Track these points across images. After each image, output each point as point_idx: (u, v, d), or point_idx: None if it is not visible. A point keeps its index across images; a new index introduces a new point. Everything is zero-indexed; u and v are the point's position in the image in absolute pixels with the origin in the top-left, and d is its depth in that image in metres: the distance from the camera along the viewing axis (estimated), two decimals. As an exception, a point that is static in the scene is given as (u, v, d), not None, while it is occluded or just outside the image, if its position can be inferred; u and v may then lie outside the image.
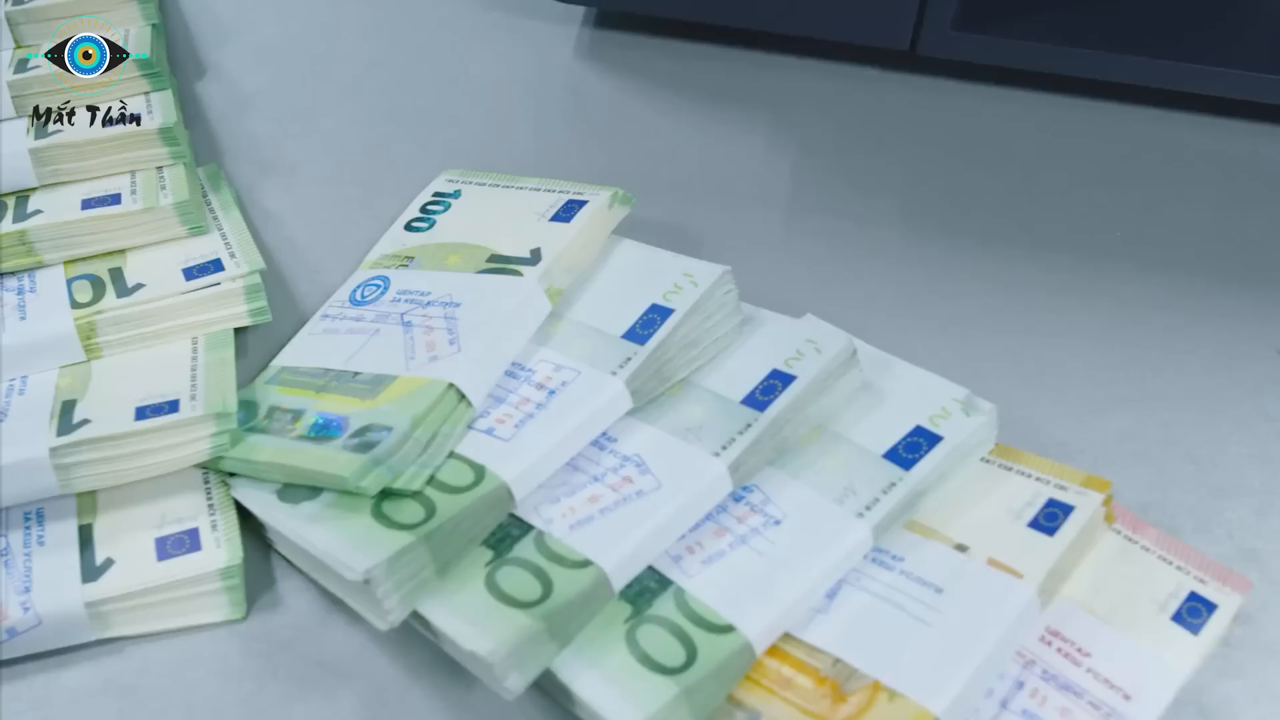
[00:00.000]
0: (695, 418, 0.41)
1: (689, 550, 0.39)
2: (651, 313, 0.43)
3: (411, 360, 0.42)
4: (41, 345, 0.44)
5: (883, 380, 0.43)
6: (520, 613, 0.37)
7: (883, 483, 0.40)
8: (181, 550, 0.41)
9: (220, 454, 0.41)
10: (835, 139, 0.55)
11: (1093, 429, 0.45)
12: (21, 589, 0.40)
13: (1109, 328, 0.48)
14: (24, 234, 0.46)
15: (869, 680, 0.37)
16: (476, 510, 0.38)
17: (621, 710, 0.35)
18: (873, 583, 0.39)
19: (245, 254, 0.47)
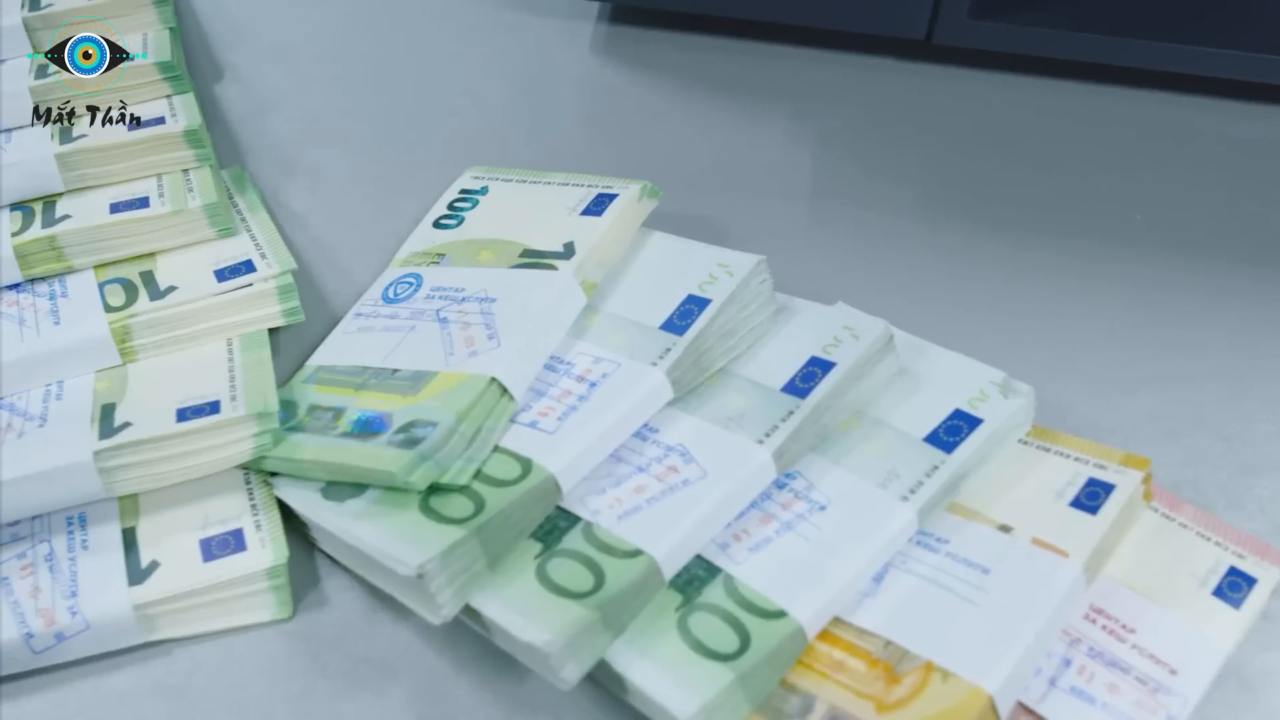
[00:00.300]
0: (736, 406, 0.42)
1: (736, 538, 0.40)
2: (688, 303, 0.43)
3: (451, 356, 0.43)
4: (77, 350, 0.44)
5: (918, 365, 0.43)
6: (574, 603, 0.37)
7: (925, 466, 0.40)
8: (226, 551, 0.41)
9: (263, 454, 0.41)
10: (853, 129, 0.55)
11: (1122, 409, 0.46)
12: (68, 593, 0.40)
13: (1132, 310, 0.49)
14: (54, 239, 0.46)
15: (921, 661, 0.37)
16: (525, 503, 0.39)
17: (678, 697, 0.36)
18: (919, 565, 0.39)
19: (276, 254, 0.47)
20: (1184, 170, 0.53)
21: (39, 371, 0.43)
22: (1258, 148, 0.54)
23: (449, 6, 0.61)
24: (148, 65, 0.51)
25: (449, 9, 0.61)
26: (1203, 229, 0.51)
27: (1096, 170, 0.54)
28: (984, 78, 0.57)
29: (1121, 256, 0.50)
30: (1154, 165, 0.54)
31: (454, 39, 0.59)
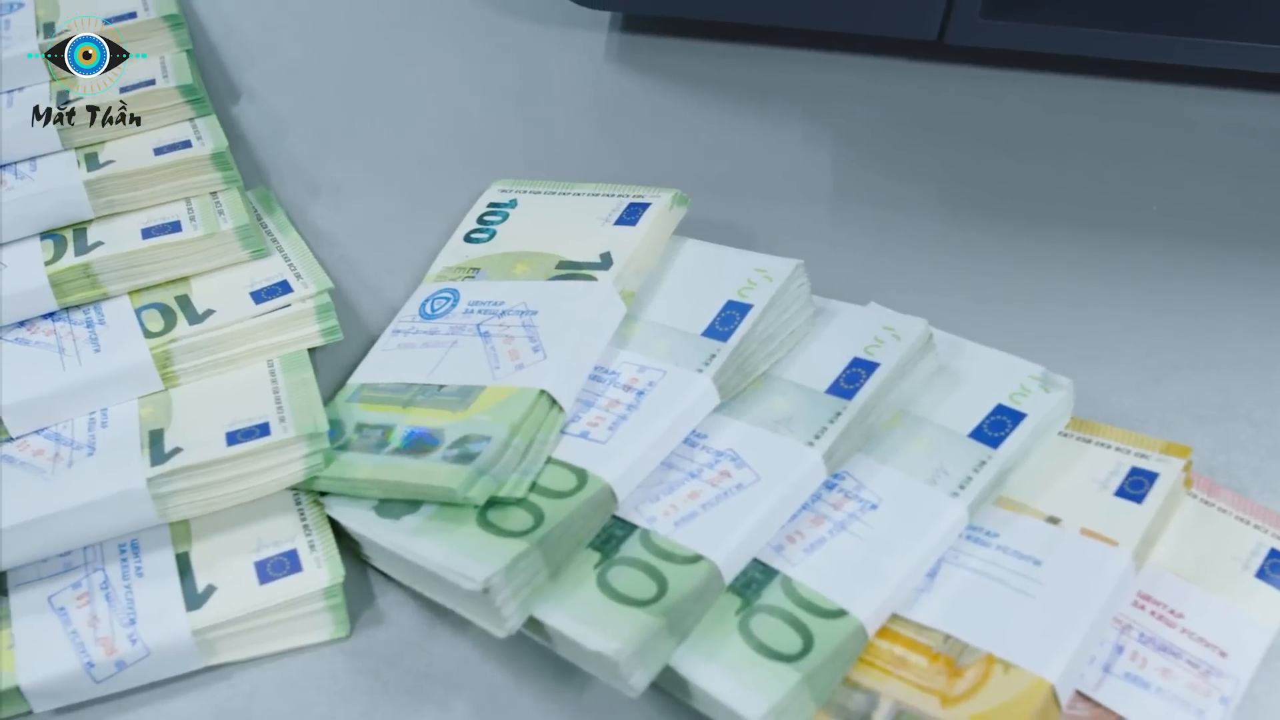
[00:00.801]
0: (782, 410, 0.42)
1: (790, 539, 0.40)
2: (729, 309, 0.44)
3: (497, 370, 0.43)
4: (119, 376, 0.44)
5: (956, 362, 0.44)
6: (639, 610, 0.37)
7: (973, 461, 0.41)
8: (282, 572, 0.41)
9: (315, 474, 0.42)
10: (870, 131, 0.56)
11: (1152, 398, 0.47)
12: (127, 621, 0.40)
13: (1155, 299, 0.50)
14: (88, 266, 0.46)
15: (982, 654, 0.38)
16: (584, 513, 0.39)
17: (747, 700, 0.36)
18: (971, 559, 0.40)
19: (311, 274, 0.47)
20: (1196, 160, 0.54)
21: (82, 400, 0.43)
22: (1268, 136, 0.55)
23: (459, 20, 0.61)
24: (169, 89, 0.51)
25: (459, 22, 0.61)
26: (1217, 217, 0.52)
27: (1110, 163, 0.54)
28: (996, 75, 0.58)
29: (1140, 247, 0.51)
30: (1166, 156, 0.55)
31: (467, 52, 0.60)
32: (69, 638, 0.39)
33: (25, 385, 0.43)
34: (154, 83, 0.52)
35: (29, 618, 0.40)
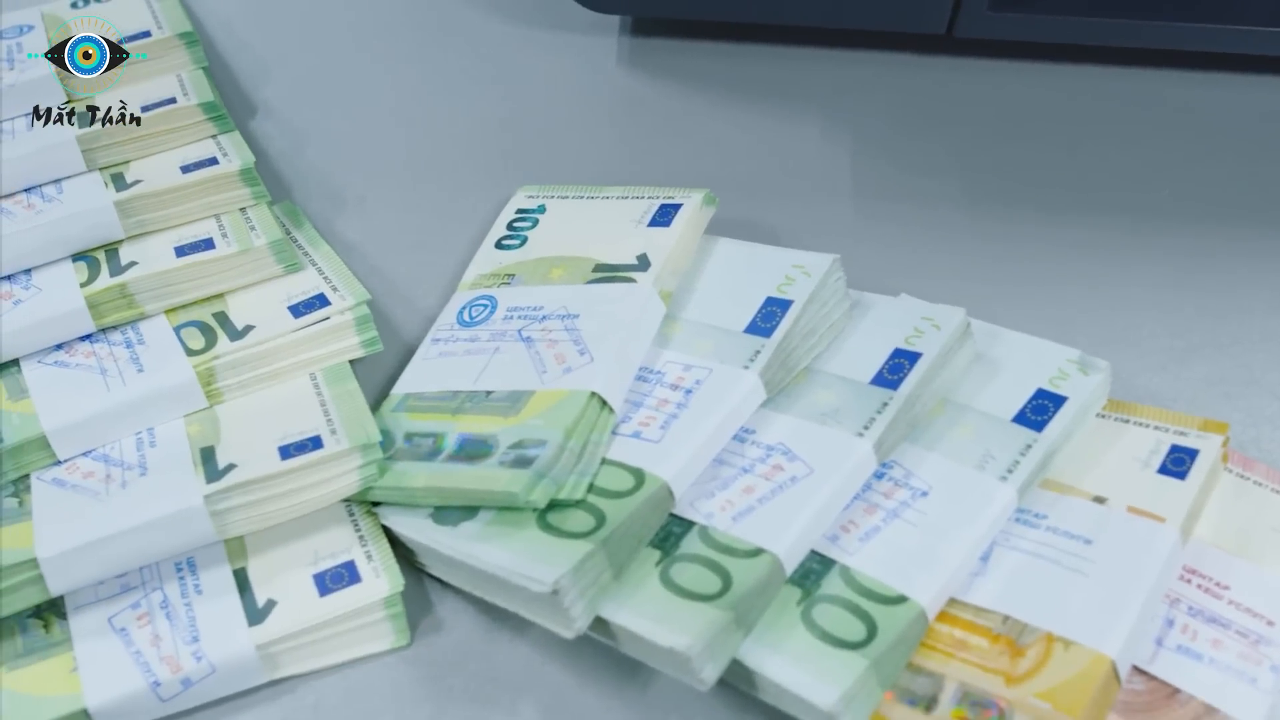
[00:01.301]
0: (829, 402, 0.43)
1: (844, 529, 0.41)
2: (770, 305, 0.44)
3: (544, 374, 0.43)
4: (164, 395, 0.43)
5: (992, 350, 0.45)
6: (706, 605, 0.37)
7: (1019, 445, 0.42)
8: (341, 584, 0.41)
9: (369, 484, 0.42)
10: (885, 126, 0.57)
11: (1178, 377, 0.48)
12: (189, 639, 0.40)
13: (1174, 280, 0.51)
14: (124, 287, 0.46)
15: (1041, 633, 0.38)
16: (643, 512, 0.39)
17: (817, 688, 0.36)
18: (1022, 541, 0.41)
19: (348, 286, 0.47)
20: (1204, 144, 0.55)
21: (128, 420, 0.43)
22: (1274, 118, 0.56)
23: (468, 29, 0.61)
24: (191, 107, 0.51)
25: (468, 31, 0.61)
26: (1228, 199, 0.53)
27: (1120, 149, 0.55)
28: (1004, 67, 0.59)
29: (1156, 230, 0.52)
30: (1175, 141, 0.56)
31: (481, 60, 0.60)
32: (133, 658, 0.39)
33: (70, 408, 0.43)
34: (175, 101, 0.51)
35: (91, 640, 0.40)
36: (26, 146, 0.50)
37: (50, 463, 0.43)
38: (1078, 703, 0.36)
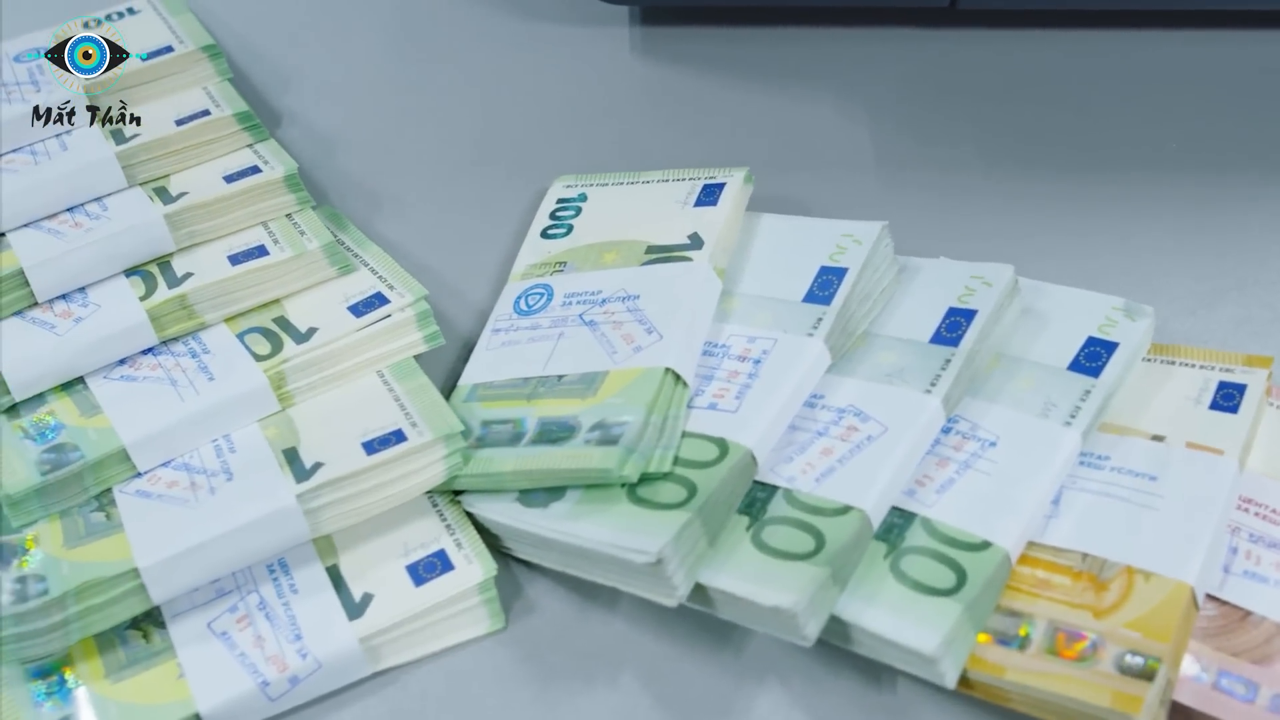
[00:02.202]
0: (891, 363, 0.44)
1: (919, 484, 0.42)
2: (824, 275, 0.46)
3: (615, 354, 0.44)
4: (237, 401, 0.44)
5: (1038, 303, 0.46)
6: (803, 564, 0.39)
7: (1078, 392, 0.43)
8: (434, 573, 0.42)
9: (455, 474, 0.42)
10: (898, 99, 0.58)
11: (1207, 320, 0.50)
12: (292, 637, 0.40)
13: (1190, 227, 0.53)
14: (184, 298, 0.46)
15: (1121, 566, 0.40)
16: (732, 479, 0.41)
17: (918, 635, 0.38)
18: (1089, 482, 0.42)
19: (403, 283, 0.47)
20: (1204, 98, 0.58)
21: (205, 428, 0.43)
22: (1272, 71, 0.59)
23: (482, 26, 0.62)
24: (226, 117, 0.51)
25: (482, 29, 0.62)
26: (1232, 148, 0.56)
27: (1124, 107, 0.57)
28: (1005, 35, 0.60)
29: (1168, 181, 0.54)
30: (1176, 97, 0.58)
31: (498, 57, 0.60)
32: (238, 660, 0.40)
33: (147, 419, 0.43)
34: (209, 113, 0.52)
35: (193, 646, 0.40)
36: (67, 165, 0.49)
37: (130, 475, 0.43)
38: (1165, 630, 0.38)
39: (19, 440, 0.43)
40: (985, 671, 0.38)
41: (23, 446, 0.43)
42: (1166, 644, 0.38)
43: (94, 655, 0.40)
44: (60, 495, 0.42)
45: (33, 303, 0.46)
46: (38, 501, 0.41)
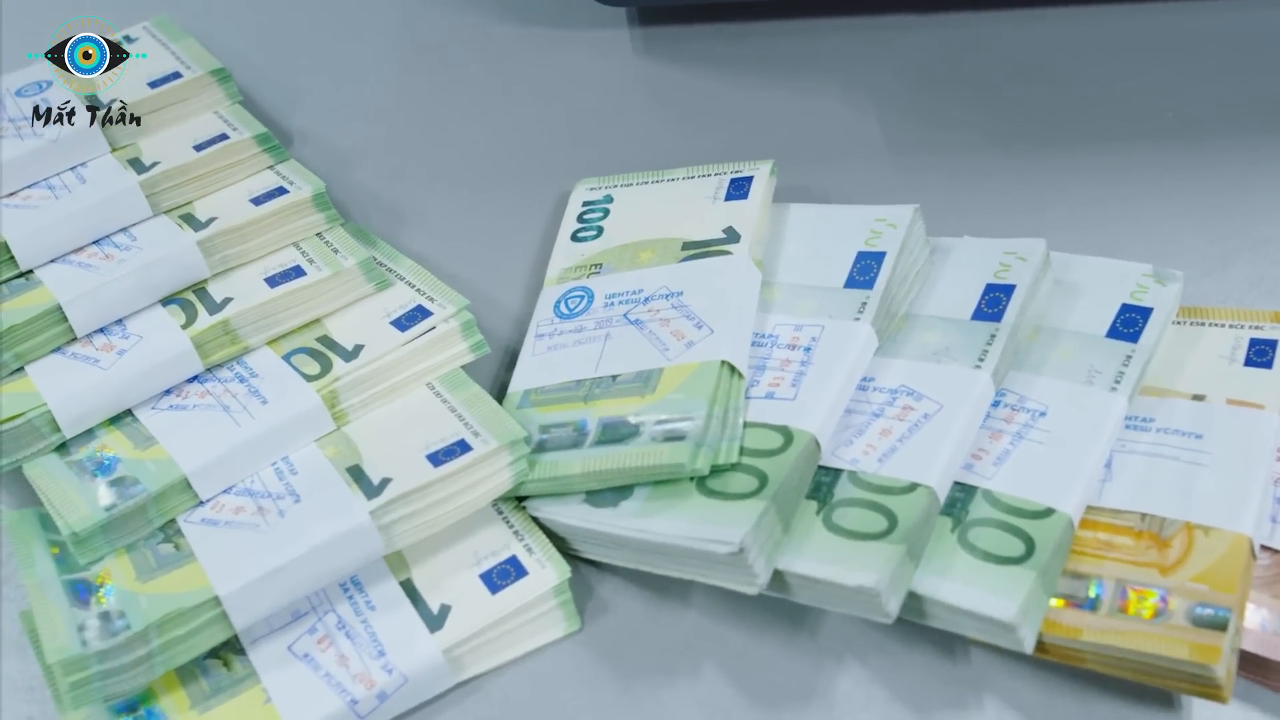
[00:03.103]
0: (936, 342, 0.45)
1: (976, 458, 0.43)
2: (863, 259, 0.47)
3: (667, 351, 0.45)
4: (293, 423, 0.44)
5: (1069, 275, 0.48)
6: (879, 543, 0.39)
7: (1119, 357, 0.44)
8: (508, 580, 0.42)
9: (521, 479, 0.43)
10: (900, 85, 0.59)
11: (1222, 281, 0.51)
12: (376, 654, 0.40)
13: (1198, 191, 0.54)
14: (226, 323, 0.46)
15: (1180, 523, 0.41)
16: (800, 466, 0.41)
17: (996, 604, 0.39)
18: (1137, 445, 0.44)
19: (443, 295, 0.47)
20: (1194, 67, 0.59)
21: (263, 452, 0.43)
22: (1256, 36, 0.60)
23: (484, 36, 0.62)
24: (246, 140, 0.51)
25: (485, 38, 0.62)
26: (1227, 114, 0.57)
27: (1120, 80, 0.59)
28: (998, 17, 0.62)
29: (1170, 149, 0.56)
30: (1166, 66, 0.59)
31: (502, 65, 0.61)
32: (323, 680, 0.40)
33: (205, 447, 0.43)
34: (227, 137, 0.51)
35: (277, 670, 0.40)
36: (89, 198, 0.49)
37: (193, 505, 0.42)
38: (1231, 581, 0.39)
39: (76, 477, 0.42)
40: (1061, 635, 0.39)
41: (81, 483, 0.42)
42: (1234, 594, 0.39)
43: (177, 687, 0.40)
44: (125, 530, 0.41)
45: (71, 338, 0.46)
46: (103, 537, 0.41)
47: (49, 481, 0.42)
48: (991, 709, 0.40)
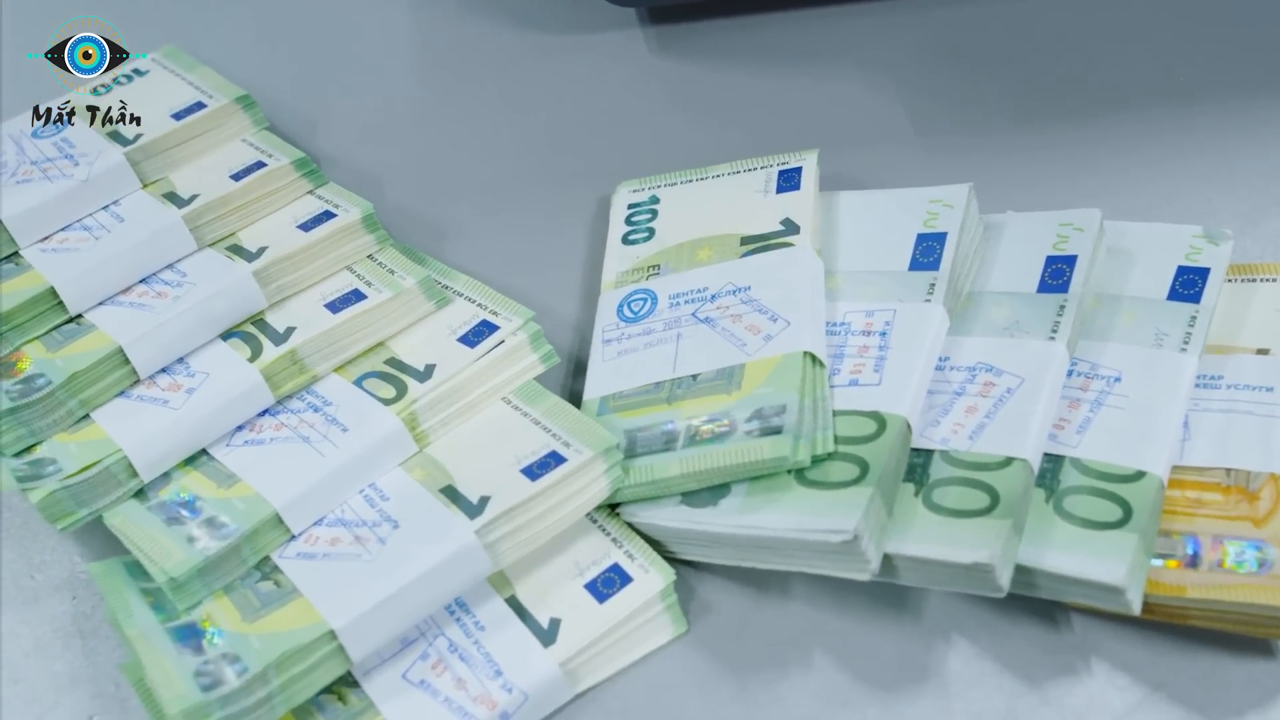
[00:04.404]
0: (1006, 317, 0.46)
1: (1058, 427, 0.44)
2: (924, 241, 0.47)
3: (745, 346, 0.45)
4: (377, 449, 0.43)
5: (1121, 242, 0.48)
6: (985, 519, 0.40)
7: (1184, 319, 0.45)
8: (614, 588, 0.42)
9: (618, 486, 0.42)
10: (919, 66, 0.60)
11: (1255, 237, 0.52)
12: (492, 674, 0.40)
13: (1221, 150, 0.55)
14: (294, 353, 0.45)
15: (1265, 475, 0.42)
16: (896, 450, 0.41)
17: (1104, 569, 0.39)
18: (1210, 402, 0.44)
19: (507, 308, 0.47)
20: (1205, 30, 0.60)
21: (351, 480, 0.43)
22: None
23: (500, 45, 0.61)
24: (285, 166, 0.50)
25: (501, 48, 0.61)
26: (1240, 74, 0.58)
27: (1127, 47, 0.60)
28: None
29: (1185, 112, 0.57)
30: (1176, 31, 0.60)
31: (521, 73, 0.60)
32: (444, 705, 0.39)
33: (292, 481, 0.42)
34: (264, 164, 0.50)
35: (395, 700, 0.39)
36: (133, 236, 0.48)
37: (285, 540, 0.42)
38: (1323, 527, 0.41)
39: (163, 522, 0.41)
40: (1165, 594, 0.40)
41: (169, 528, 0.41)
42: (1327, 539, 0.40)
43: (295, 726, 0.39)
44: (221, 571, 0.40)
45: (134, 380, 0.45)
46: (200, 581, 0.40)
47: (135, 529, 0.41)
48: (1100, 672, 0.41)
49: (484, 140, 0.58)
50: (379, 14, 0.65)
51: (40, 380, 0.44)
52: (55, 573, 0.44)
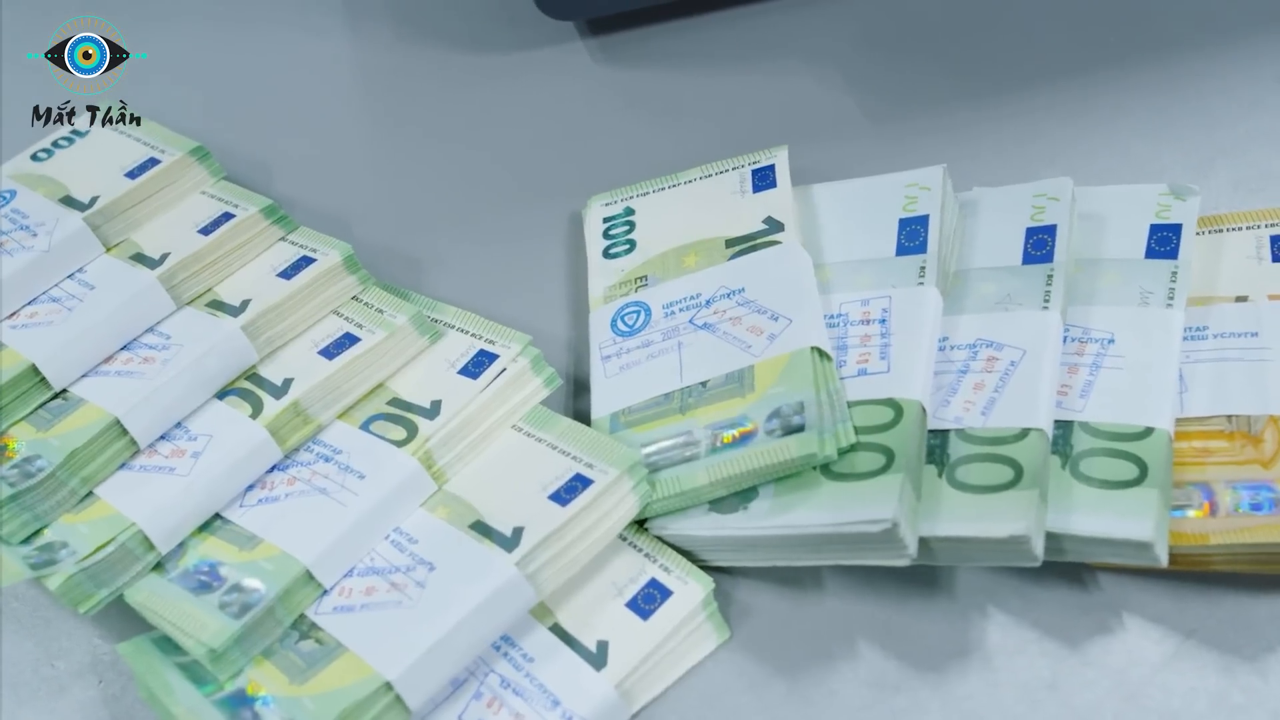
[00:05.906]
0: (996, 292, 0.47)
1: (1061, 393, 0.45)
2: (907, 225, 0.48)
3: (750, 348, 0.45)
4: (398, 493, 0.42)
5: (1091, 206, 0.50)
6: (1013, 492, 0.41)
7: (1165, 275, 0.47)
8: (655, 603, 0.42)
9: (646, 501, 0.42)
10: (860, 53, 0.61)
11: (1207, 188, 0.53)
12: (550, 704, 0.39)
13: (1161, 108, 0.57)
14: (296, 405, 0.44)
15: (1264, 417, 0.44)
16: (917, 434, 0.42)
17: (1131, 526, 0.40)
18: (1199, 353, 0.46)
19: (502, 336, 0.46)
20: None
21: (375, 528, 0.42)
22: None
23: (443, 71, 0.61)
24: (254, 215, 0.49)
25: (445, 73, 0.61)
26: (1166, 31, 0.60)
27: (1054, 16, 0.62)
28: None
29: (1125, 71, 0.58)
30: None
31: (467, 96, 0.60)
32: (505, 743, 0.39)
33: (319, 535, 0.41)
34: (231, 215, 0.49)
35: (455, 744, 0.39)
36: (110, 302, 0.46)
37: (318, 596, 0.41)
38: (1327, 461, 0.42)
39: (190, 593, 0.40)
40: (1190, 543, 0.41)
41: (198, 598, 0.40)
42: (1335, 474, 0.42)
43: (358, 783, 0.38)
44: (258, 636, 0.39)
45: (134, 451, 0.43)
46: (239, 649, 0.39)
47: (162, 603, 0.40)
48: (1134, 626, 0.42)
49: (444, 168, 0.57)
50: (315, 48, 0.63)
51: (37, 462, 0.42)
52: (76, 659, 0.42)
